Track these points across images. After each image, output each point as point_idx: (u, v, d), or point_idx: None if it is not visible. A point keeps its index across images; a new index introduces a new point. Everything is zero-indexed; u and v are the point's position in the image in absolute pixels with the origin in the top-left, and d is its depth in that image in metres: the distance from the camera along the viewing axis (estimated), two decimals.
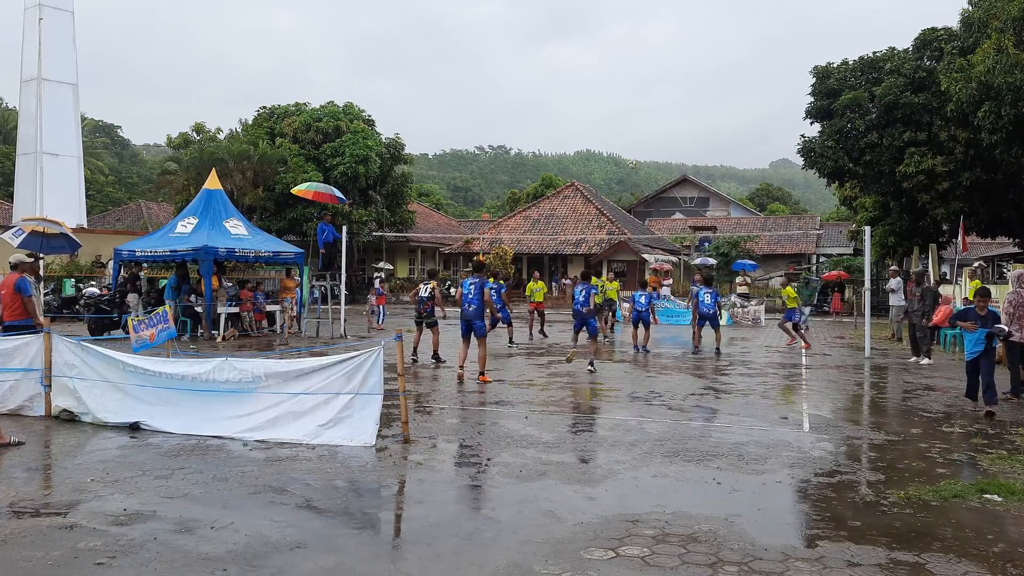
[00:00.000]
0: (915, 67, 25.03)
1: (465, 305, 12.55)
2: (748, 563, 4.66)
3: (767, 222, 57.74)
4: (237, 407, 8.07)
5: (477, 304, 12.42)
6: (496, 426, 8.72)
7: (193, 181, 32.62)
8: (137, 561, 4.66)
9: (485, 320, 12.66)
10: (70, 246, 16.34)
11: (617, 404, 10.42)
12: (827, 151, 26.09)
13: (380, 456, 7.27)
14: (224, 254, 19.05)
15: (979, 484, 6.36)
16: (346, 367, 7.77)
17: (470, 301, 12.46)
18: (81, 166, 30.16)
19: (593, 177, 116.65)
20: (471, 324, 12.49)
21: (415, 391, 11.09)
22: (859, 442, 8.24)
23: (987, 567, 4.66)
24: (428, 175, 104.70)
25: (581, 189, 48.32)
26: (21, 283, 10.11)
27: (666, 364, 15.30)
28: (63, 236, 15.71)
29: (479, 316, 12.45)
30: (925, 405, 10.54)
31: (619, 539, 5.07)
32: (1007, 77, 18.56)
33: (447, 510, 5.78)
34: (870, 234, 19.33)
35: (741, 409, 10.11)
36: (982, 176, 23.53)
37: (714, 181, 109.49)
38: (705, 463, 7.11)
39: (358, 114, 40.64)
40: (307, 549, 4.89)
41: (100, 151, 65.47)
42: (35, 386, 9.05)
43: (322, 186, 22.82)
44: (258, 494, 6.07)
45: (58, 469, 6.94)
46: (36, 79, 28.04)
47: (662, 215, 63.37)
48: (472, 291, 12.44)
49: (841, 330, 25.37)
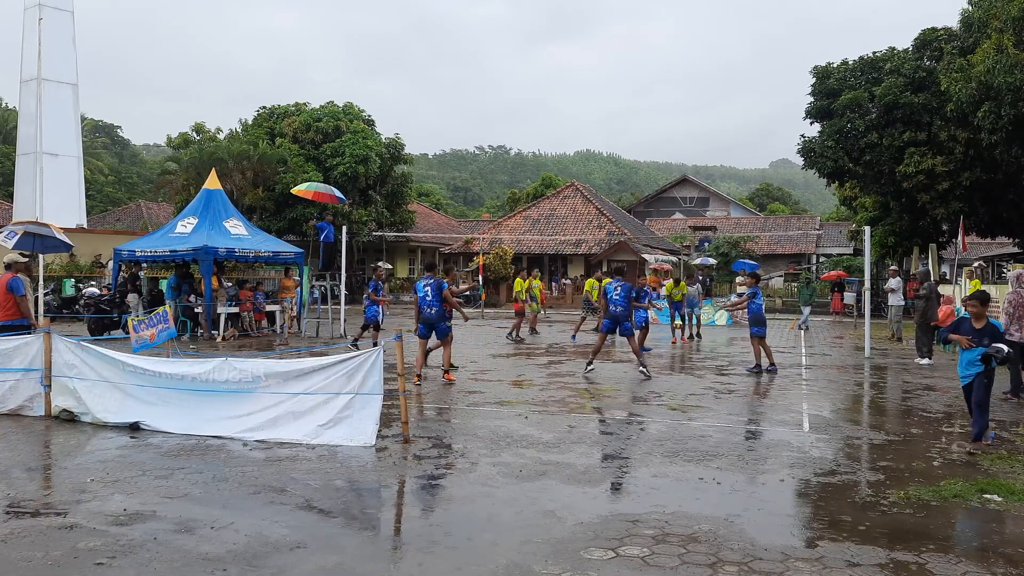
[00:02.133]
0: (915, 67, 25.05)
1: (425, 308, 12.09)
2: (748, 563, 4.66)
3: (767, 222, 57.76)
4: (237, 407, 8.07)
5: (438, 306, 12.00)
6: (496, 426, 8.71)
7: (193, 181, 32.60)
8: (137, 561, 4.66)
9: (448, 322, 12.24)
10: (64, 245, 16.38)
11: (617, 404, 10.42)
12: (827, 151, 26.11)
13: (380, 456, 7.27)
14: (224, 254, 19.04)
15: (979, 484, 6.36)
16: (346, 367, 7.77)
17: (429, 304, 12.02)
18: (81, 166, 30.18)
19: (593, 177, 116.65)
20: (434, 327, 12.09)
21: (415, 391, 11.08)
22: (859, 442, 8.24)
23: (987, 567, 4.66)
24: (428, 175, 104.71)
25: (581, 189, 48.31)
26: (14, 283, 10.13)
27: (665, 364, 15.30)
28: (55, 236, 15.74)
29: (442, 318, 12.08)
30: (925, 405, 10.54)
31: (619, 539, 5.07)
32: (1007, 77, 18.57)
33: (447, 510, 5.78)
34: (870, 234, 19.33)
35: (741, 409, 10.11)
36: (982, 176, 23.55)
37: (714, 181, 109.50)
38: (705, 463, 7.11)
39: (358, 114, 40.64)
40: (307, 549, 4.89)
41: (100, 151, 65.53)
42: (35, 386, 9.05)
43: (322, 186, 22.80)
44: (258, 494, 6.07)
45: (58, 469, 6.94)
46: (36, 79, 28.06)
47: (662, 215, 63.38)
48: (429, 293, 12.02)
49: (841, 330, 25.37)
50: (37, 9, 28.09)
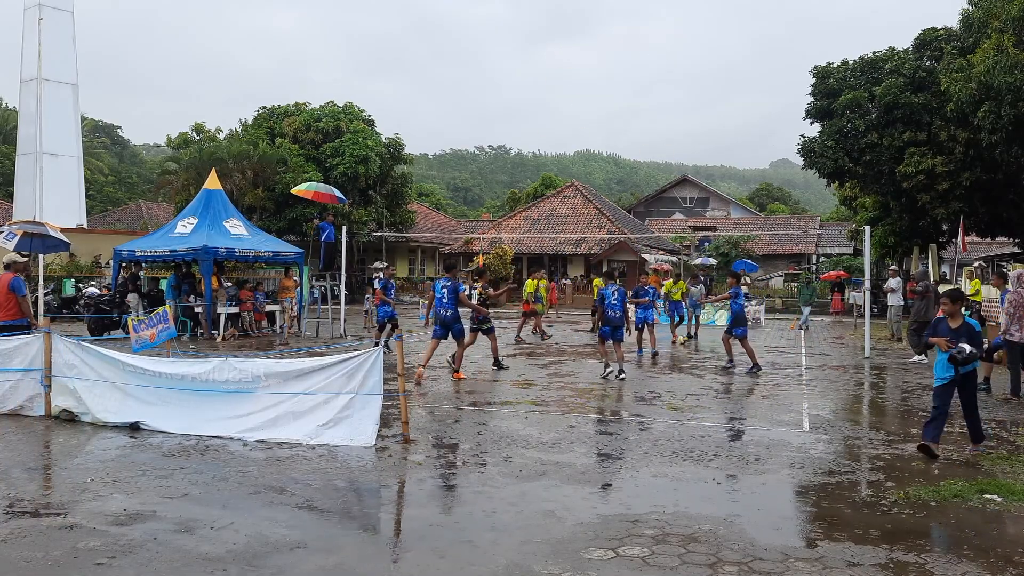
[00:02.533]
0: (915, 67, 25.02)
1: (440, 309, 12.25)
2: (748, 563, 4.66)
3: (767, 222, 57.72)
4: (237, 407, 8.07)
5: (453, 309, 12.15)
6: (496, 426, 8.72)
7: (193, 181, 32.59)
8: (137, 561, 4.66)
9: (463, 322, 12.45)
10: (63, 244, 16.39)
11: (617, 404, 10.42)
12: (827, 151, 26.09)
13: (380, 456, 7.27)
14: (224, 254, 19.04)
15: (979, 484, 6.36)
16: (346, 367, 7.77)
17: (445, 306, 12.16)
18: (81, 166, 30.19)
19: (593, 177, 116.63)
20: (449, 328, 12.23)
21: (415, 391, 11.08)
22: (859, 442, 8.24)
23: (987, 567, 4.66)
24: (428, 175, 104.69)
25: (581, 189, 48.30)
26: (15, 283, 10.16)
27: (665, 364, 15.30)
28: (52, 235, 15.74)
29: (457, 320, 12.23)
30: (925, 405, 10.51)
31: (619, 539, 5.07)
32: (1007, 77, 18.55)
33: (447, 510, 5.78)
34: (870, 234, 19.33)
35: (741, 409, 10.11)
36: (982, 176, 23.52)
37: (714, 181, 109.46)
38: (705, 463, 7.11)
39: (358, 114, 40.63)
40: (307, 549, 4.88)
41: (100, 151, 65.51)
42: (35, 386, 9.05)
43: (322, 186, 22.80)
44: (258, 494, 6.07)
45: (58, 469, 6.94)
46: (36, 79, 28.06)
47: (662, 215, 63.37)
48: (445, 295, 12.17)
49: (841, 330, 25.37)
50: (37, 9, 28.10)
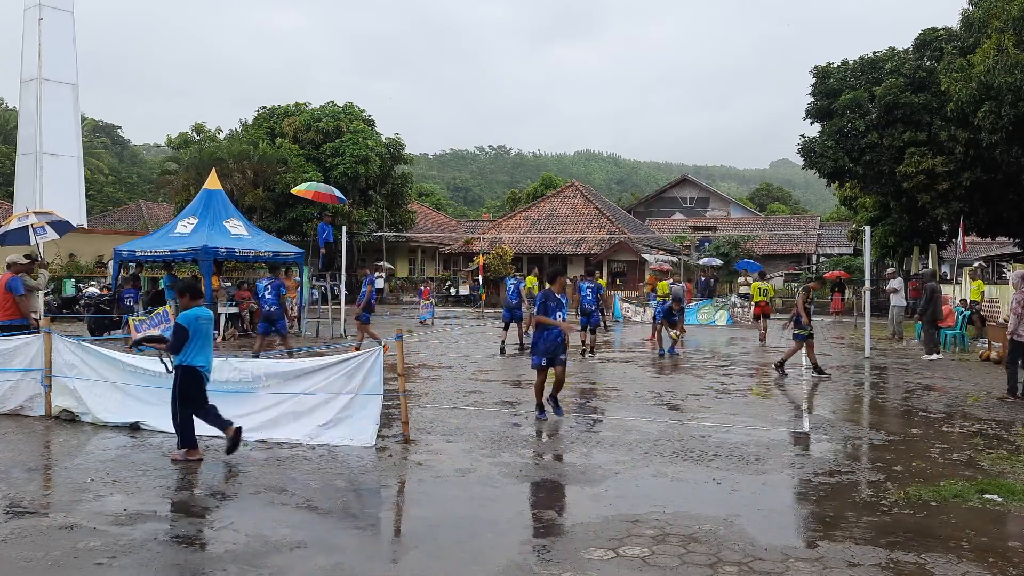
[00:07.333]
0: (915, 67, 25.05)
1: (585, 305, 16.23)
2: (748, 563, 4.66)
3: (767, 222, 57.69)
4: (237, 407, 8.04)
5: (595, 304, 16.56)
6: (496, 426, 8.71)
7: (193, 181, 32.60)
8: (137, 561, 4.66)
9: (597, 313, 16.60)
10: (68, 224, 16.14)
11: (617, 404, 10.42)
12: (827, 151, 26.11)
13: (380, 456, 7.27)
14: (224, 254, 19.04)
15: (979, 484, 6.36)
16: (346, 367, 7.77)
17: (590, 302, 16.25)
18: (81, 166, 30.15)
19: (593, 177, 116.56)
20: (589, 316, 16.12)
21: (415, 391, 11.08)
22: (859, 442, 8.24)
23: (987, 567, 4.66)
24: (428, 175, 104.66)
25: (581, 189, 48.28)
26: (12, 283, 10.17)
27: (665, 364, 15.30)
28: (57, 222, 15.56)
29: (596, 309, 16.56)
30: (925, 405, 10.53)
31: (619, 539, 5.07)
32: (1007, 77, 18.57)
33: (447, 510, 5.77)
34: (870, 234, 19.33)
35: (741, 409, 10.10)
36: (982, 176, 23.54)
37: (714, 181, 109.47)
38: (705, 463, 7.11)
39: (358, 114, 40.64)
40: (307, 549, 4.88)
41: (100, 151, 65.45)
42: (35, 386, 9.05)
43: (322, 186, 22.80)
44: (258, 494, 6.07)
45: (58, 469, 6.94)
46: (36, 79, 28.02)
47: (662, 215, 63.34)
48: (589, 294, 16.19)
49: (841, 330, 25.36)
50: (37, 9, 28.06)
